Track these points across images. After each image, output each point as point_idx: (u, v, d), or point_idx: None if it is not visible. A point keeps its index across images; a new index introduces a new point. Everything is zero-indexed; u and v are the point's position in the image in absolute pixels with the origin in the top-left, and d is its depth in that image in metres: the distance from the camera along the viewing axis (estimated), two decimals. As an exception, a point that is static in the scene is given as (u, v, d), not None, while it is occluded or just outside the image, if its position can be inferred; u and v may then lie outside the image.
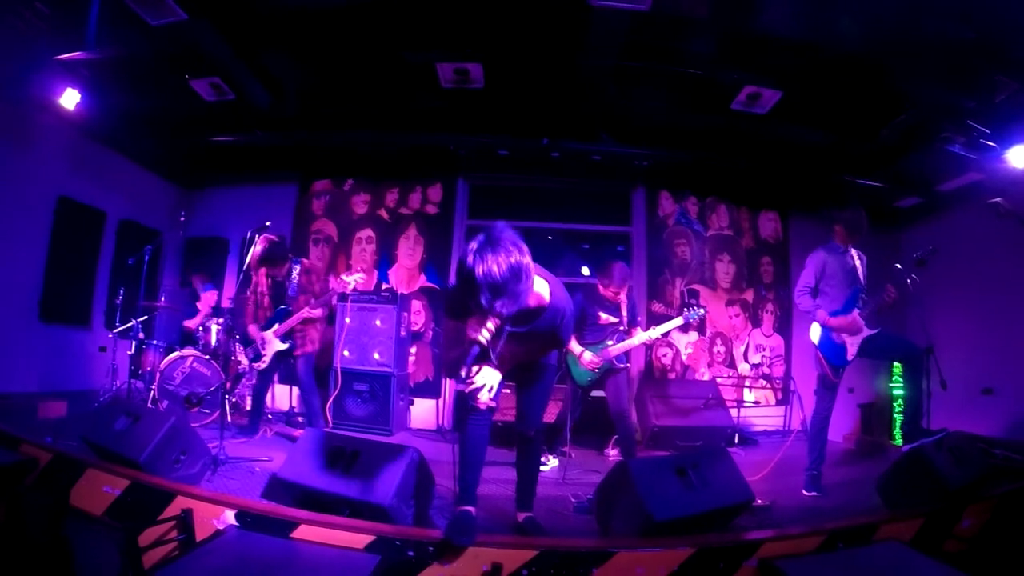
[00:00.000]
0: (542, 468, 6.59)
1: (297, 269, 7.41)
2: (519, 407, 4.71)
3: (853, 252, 6.27)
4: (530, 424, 4.64)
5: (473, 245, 3.36)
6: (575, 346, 6.87)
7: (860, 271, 6.21)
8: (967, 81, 6.95)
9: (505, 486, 5.45)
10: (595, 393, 7.21)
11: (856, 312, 6.01)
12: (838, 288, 6.16)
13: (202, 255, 11.04)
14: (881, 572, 3.61)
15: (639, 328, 7.13)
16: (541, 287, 3.89)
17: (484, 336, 3.58)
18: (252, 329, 7.41)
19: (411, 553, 3.46)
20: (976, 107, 7.28)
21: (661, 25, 6.56)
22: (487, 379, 3.85)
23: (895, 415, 10.10)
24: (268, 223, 6.98)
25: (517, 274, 3.32)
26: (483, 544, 3.48)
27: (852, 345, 6.04)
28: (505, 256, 3.29)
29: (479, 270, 3.26)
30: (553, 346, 4.45)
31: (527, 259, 3.41)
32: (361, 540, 3.52)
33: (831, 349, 6.10)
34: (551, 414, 7.05)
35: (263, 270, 7.47)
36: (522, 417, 4.67)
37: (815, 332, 6.21)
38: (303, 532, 3.63)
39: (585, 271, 10.67)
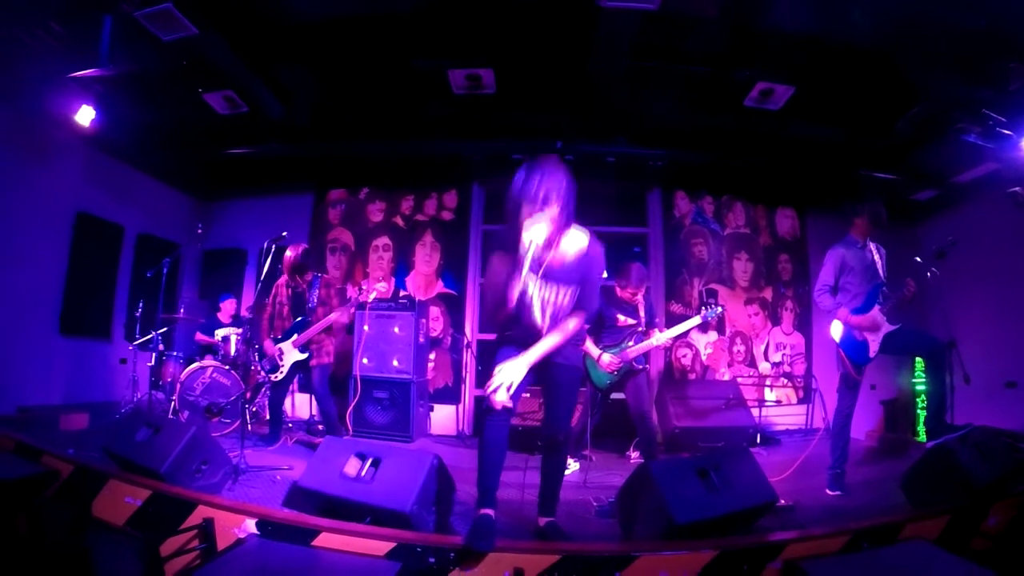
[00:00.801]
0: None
1: (318, 283, 7.45)
2: (547, 410, 4.67)
3: (872, 246, 6.19)
4: (559, 428, 4.58)
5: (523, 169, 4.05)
6: (593, 349, 6.86)
7: (880, 265, 6.12)
8: (980, 70, 6.88)
9: (527, 491, 5.41)
10: (615, 396, 7.19)
11: (877, 308, 5.95)
12: (858, 284, 6.06)
13: (220, 266, 11.13)
14: (907, 571, 3.56)
15: (657, 329, 7.10)
16: (580, 234, 4.32)
17: (532, 244, 3.98)
18: (267, 344, 7.43)
19: (432, 559, 3.46)
20: (990, 96, 7.21)
21: (671, 24, 6.57)
22: (506, 376, 3.93)
23: (919, 411, 9.98)
24: (285, 233, 6.99)
25: (559, 185, 3.98)
26: (504, 549, 3.48)
27: (874, 342, 5.96)
28: (552, 170, 3.99)
29: (525, 179, 3.99)
30: (584, 305, 4.42)
31: (567, 183, 4.05)
32: (382, 547, 3.52)
33: (853, 346, 6.03)
34: (570, 418, 7.05)
35: (284, 280, 7.53)
36: (550, 421, 4.61)
37: (836, 330, 6.14)
38: (324, 540, 3.63)
39: (616, 274, 10.66)
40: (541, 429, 4.74)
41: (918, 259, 6.21)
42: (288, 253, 7.33)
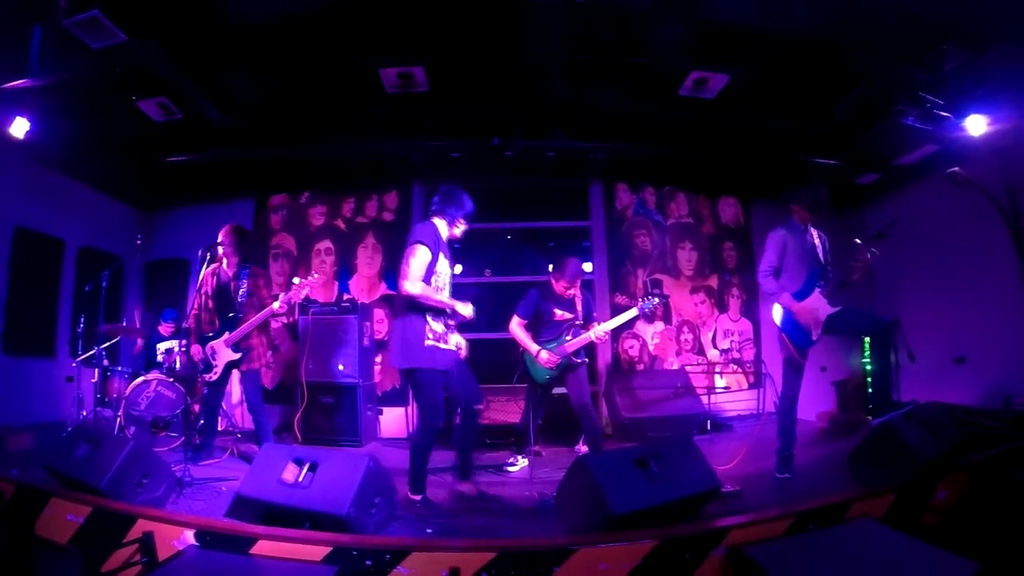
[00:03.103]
0: (511, 469, 6.63)
1: (246, 274, 7.15)
2: (465, 384, 5.51)
3: (813, 232, 6.25)
4: (477, 397, 5.55)
5: None
6: (531, 345, 6.88)
7: (820, 250, 6.18)
8: (916, 53, 6.93)
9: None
10: (559, 390, 7.17)
11: (818, 291, 5.98)
12: (797, 267, 6.11)
13: (163, 277, 10.99)
14: (851, 550, 3.61)
15: (596, 323, 7.08)
16: None
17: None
18: (195, 350, 7.09)
19: (368, 562, 3.45)
20: (927, 79, 7.28)
21: (599, 14, 6.56)
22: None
23: (870, 390, 10.10)
24: (220, 240, 6.90)
25: None
26: (440, 548, 3.46)
27: (816, 325, 6.01)
28: None
29: None
30: None
31: None
32: (318, 552, 3.52)
33: (795, 330, 6.06)
34: (515, 415, 7.04)
35: (212, 268, 7.23)
36: (471, 392, 5.50)
37: (777, 313, 6.17)
38: (262, 548, 3.63)
39: (552, 268, 10.67)
40: (461, 401, 5.50)
41: (858, 241, 6.24)
42: (220, 238, 7.07)
